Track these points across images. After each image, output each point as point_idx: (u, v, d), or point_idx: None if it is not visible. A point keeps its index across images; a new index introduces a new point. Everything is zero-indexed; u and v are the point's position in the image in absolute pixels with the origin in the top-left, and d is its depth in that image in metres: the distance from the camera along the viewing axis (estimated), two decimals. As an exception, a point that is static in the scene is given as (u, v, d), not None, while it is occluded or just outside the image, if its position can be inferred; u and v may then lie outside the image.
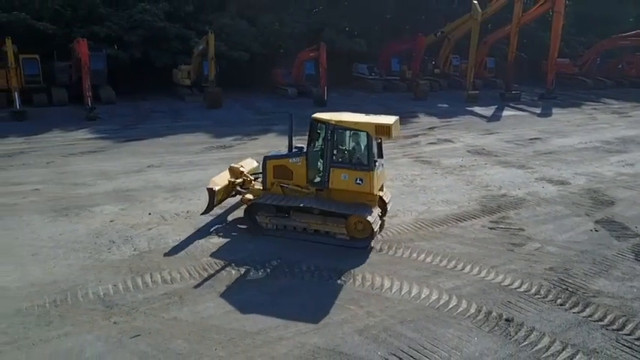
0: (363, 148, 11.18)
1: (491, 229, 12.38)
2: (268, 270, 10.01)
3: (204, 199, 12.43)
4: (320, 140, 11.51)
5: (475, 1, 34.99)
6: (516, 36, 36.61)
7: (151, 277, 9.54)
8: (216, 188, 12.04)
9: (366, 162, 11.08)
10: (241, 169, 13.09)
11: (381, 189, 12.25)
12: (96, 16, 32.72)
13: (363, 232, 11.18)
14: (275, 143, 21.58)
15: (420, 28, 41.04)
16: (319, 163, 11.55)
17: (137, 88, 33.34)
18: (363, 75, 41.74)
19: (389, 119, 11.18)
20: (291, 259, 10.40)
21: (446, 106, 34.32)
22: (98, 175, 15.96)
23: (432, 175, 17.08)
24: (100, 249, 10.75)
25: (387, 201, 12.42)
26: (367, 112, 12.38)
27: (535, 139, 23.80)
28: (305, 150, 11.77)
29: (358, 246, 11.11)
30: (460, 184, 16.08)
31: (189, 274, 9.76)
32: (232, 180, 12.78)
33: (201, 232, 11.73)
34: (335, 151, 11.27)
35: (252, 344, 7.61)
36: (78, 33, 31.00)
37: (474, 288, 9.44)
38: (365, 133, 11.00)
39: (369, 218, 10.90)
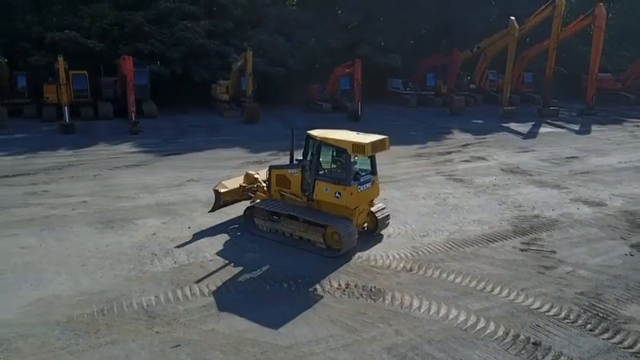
0: (342, 163, 11.97)
1: (522, 250, 12.42)
2: (301, 285, 10.39)
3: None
4: (309, 153, 12.55)
5: (512, 17, 34.83)
6: (555, 51, 36.12)
7: (190, 290, 10.07)
8: (222, 190, 13.56)
9: (344, 177, 11.84)
10: (256, 175, 14.27)
11: (372, 204, 13.06)
12: (141, 33, 34.24)
13: (338, 243, 11.85)
14: (309, 159, 22.12)
15: (456, 43, 41.05)
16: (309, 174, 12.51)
17: (178, 102, 34.63)
18: (397, 90, 41.98)
19: (369, 138, 11.96)
20: (323, 276, 10.76)
21: (481, 122, 34.14)
22: (141, 189, 16.77)
23: (465, 194, 17.17)
24: (143, 261, 11.39)
25: (378, 217, 13.01)
26: (401, 127, 12.86)
27: (572, 157, 23.49)
28: (302, 162, 12.74)
29: (330, 255, 11.77)
30: (492, 203, 16.12)
31: (226, 287, 10.25)
32: (244, 185, 14.00)
33: (238, 247, 12.25)
34: (320, 165, 12.27)
35: (284, 358, 7.99)
36: (124, 50, 32.57)
37: (502, 310, 9.56)
38: (344, 150, 11.74)
39: (341, 231, 11.61)
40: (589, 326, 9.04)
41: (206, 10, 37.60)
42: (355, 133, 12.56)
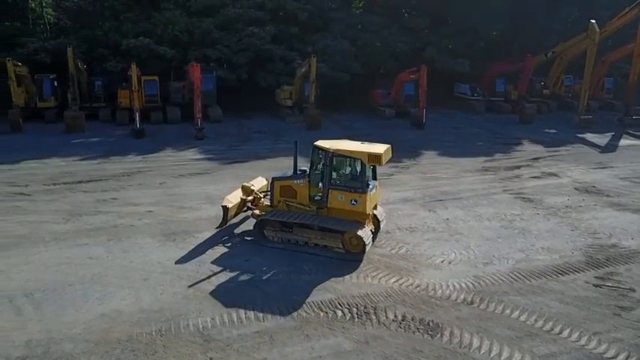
0: (357, 173, 12.85)
1: (596, 286, 11.52)
2: (355, 315, 10.17)
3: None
4: (320, 164, 13.14)
5: (593, 20, 32.65)
6: (641, 56, 33.51)
7: (245, 313, 10.11)
8: (230, 205, 14.03)
9: (359, 185, 12.66)
10: (252, 187, 14.81)
11: (375, 208, 13.90)
12: (209, 39, 35.18)
13: (356, 247, 12.61)
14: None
15: (529, 47, 39.07)
16: (320, 184, 13.11)
17: (242, 107, 35.30)
18: (464, 95, 40.63)
19: (380, 148, 12.84)
20: (379, 305, 10.47)
21: (554, 131, 32.28)
22: (203, 199, 17.14)
23: (533, 216, 16.22)
24: (201, 278, 11.56)
25: (380, 219, 14.08)
26: (466, 136, 12.58)
27: (657, 176, 21.68)
28: (308, 173, 13.31)
29: (351, 259, 12.49)
30: (564, 228, 15.11)
31: (280, 312, 10.21)
32: (244, 197, 14.58)
33: (295, 268, 12.18)
34: (333, 175, 12.93)
35: (335, 398, 7.81)
36: (193, 55, 33.67)
37: (571, 357, 8.90)
38: (359, 161, 12.60)
39: (361, 234, 12.32)
40: (672, 385, 8.21)
41: (272, 16, 38.02)
42: (359, 142, 13.43)
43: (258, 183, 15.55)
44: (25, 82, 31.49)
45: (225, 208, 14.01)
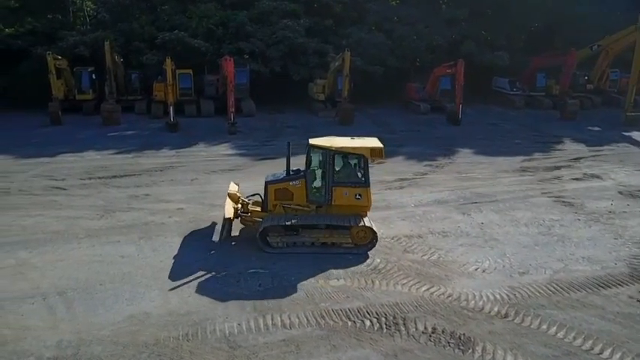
0: (360, 168, 13.07)
1: (641, 302, 10.91)
2: (384, 325, 9.89)
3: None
4: (316, 163, 13.27)
5: (643, 12, 31.01)
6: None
7: (272, 320, 9.97)
8: (230, 217, 13.39)
9: (363, 180, 12.97)
10: (238, 194, 14.36)
11: None
12: (243, 33, 35.17)
13: (364, 239, 12.91)
14: (400, 169, 21.40)
15: (572, 40, 37.45)
16: (320, 183, 13.20)
17: (275, 101, 35.20)
18: (503, 90, 39.39)
19: (376, 142, 13.20)
20: (408, 315, 10.18)
21: (597, 129, 30.92)
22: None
23: (574, 221, 15.51)
24: (229, 281, 11.51)
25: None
26: (504, 133, 12.21)
27: None
28: (303, 172, 13.24)
29: (360, 252, 12.77)
30: (607, 236, 14.38)
31: (307, 319, 10.02)
32: (236, 207, 14.05)
33: (323, 271, 11.98)
34: (336, 173, 12.96)
35: (361, 416, 7.59)
36: (227, 49, 33.75)
37: (613, 381, 8.40)
38: (362, 156, 12.85)
39: (371, 225, 12.85)
40: None
41: (307, 8, 37.69)
42: (349, 138, 13.59)
43: (233, 188, 14.81)
44: (65, 75, 32.31)
45: (229, 220, 13.32)
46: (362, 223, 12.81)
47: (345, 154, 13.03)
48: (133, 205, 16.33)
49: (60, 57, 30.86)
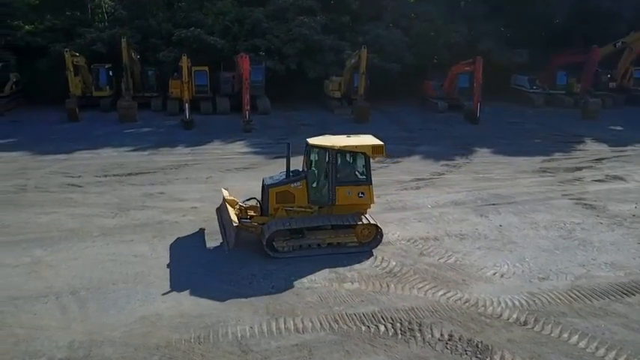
0: (362, 166, 13.04)
1: (667, 311, 10.50)
2: (399, 331, 9.67)
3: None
4: (318, 162, 13.16)
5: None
6: None
7: (285, 323, 9.81)
8: (238, 225, 12.79)
9: (365, 178, 13.01)
10: (235, 199, 13.99)
11: None
12: (259, 29, 35.02)
13: (368, 236, 12.96)
14: (417, 169, 21.09)
15: (594, 37, 36.57)
16: (322, 183, 12.99)
17: (290, 98, 35.04)
18: (522, 87, 38.70)
19: (373, 139, 13.16)
20: (424, 320, 9.94)
21: (620, 129, 30.12)
22: (247, 196, 16.93)
23: (596, 225, 15.06)
24: (242, 282, 11.39)
25: None
26: (523, 132, 12.03)
27: None
28: (304, 173, 13.09)
29: (366, 249, 12.81)
30: (630, 241, 13.91)
31: (321, 323, 9.85)
32: (237, 214, 13.53)
33: (336, 275, 11.79)
34: (339, 172, 12.78)
35: None
36: (242, 46, 33.67)
37: (638, 395, 8.07)
38: (364, 154, 12.82)
39: (376, 222, 12.88)
40: None
41: (323, 5, 37.39)
42: (345, 136, 13.48)
43: (225, 194, 14.42)
44: (82, 71, 32.53)
45: (238, 229, 12.63)
46: (367, 221, 12.82)
47: (347, 152, 12.95)
48: (147, 203, 16.31)
49: (77, 54, 31.07)
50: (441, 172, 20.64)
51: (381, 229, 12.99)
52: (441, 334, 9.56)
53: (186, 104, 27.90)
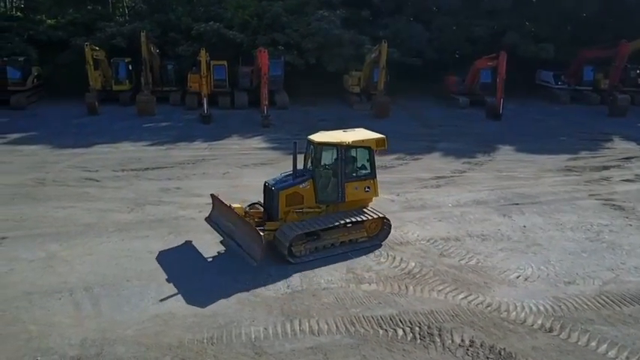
0: (367, 160, 13.00)
1: (702, 320, 9.95)
2: (418, 335, 9.33)
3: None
4: (325, 160, 12.94)
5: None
6: None
7: (300, 325, 9.56)
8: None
9: (370, 171, 13.02)
10: (242, 206, 13.17)
11: None
12: (278, 24, 34.73)
13: (375, 230, 13.01)
14: (437, 166, 20.62)
15: (624, 31, 35.33)
16: (331, 180, 12.74)
17: (309, 93, 34.67)
18: (547, 83, 37.72)
19: (372, 133, 13.20)
20: (444, 325, 9.57)
21: (649, 126, 29.18)
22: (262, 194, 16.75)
23: (625, 227, 14.46)
24: (257, 282, 11.11)
25: None
26: (548, 130, 11.48)
27: None
28: (310, 173, 12.84)
29: (374, 243, 12.82)
30: (662, 244, 13.34)
31: (337, 326, 9.57)
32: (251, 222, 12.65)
33: (354, 275, 11.51)
34: (347, 168, 12.67)
35: None
36: (262, 40, 33.40)
37: (672, 410, 7.61)
38: (368, 148, 12.80)
39: (383, 215, 12.97)
40: None
41: (343, -2, 36.93)
42: (342, 131, 13.38)
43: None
44: (102, 65, 32.69)
45: (266, 240, 11.72)
46: (376, 215, 12.83)
47: (354, 147, 12.76)
48: (163, 198, 16.21)
49: (97, 48, 31.21)
50: (462, 169, 20.13)
51: (388, 220, 12.99)
52: (462, 340, 9.19)
53: (205, 98, 27.80)
